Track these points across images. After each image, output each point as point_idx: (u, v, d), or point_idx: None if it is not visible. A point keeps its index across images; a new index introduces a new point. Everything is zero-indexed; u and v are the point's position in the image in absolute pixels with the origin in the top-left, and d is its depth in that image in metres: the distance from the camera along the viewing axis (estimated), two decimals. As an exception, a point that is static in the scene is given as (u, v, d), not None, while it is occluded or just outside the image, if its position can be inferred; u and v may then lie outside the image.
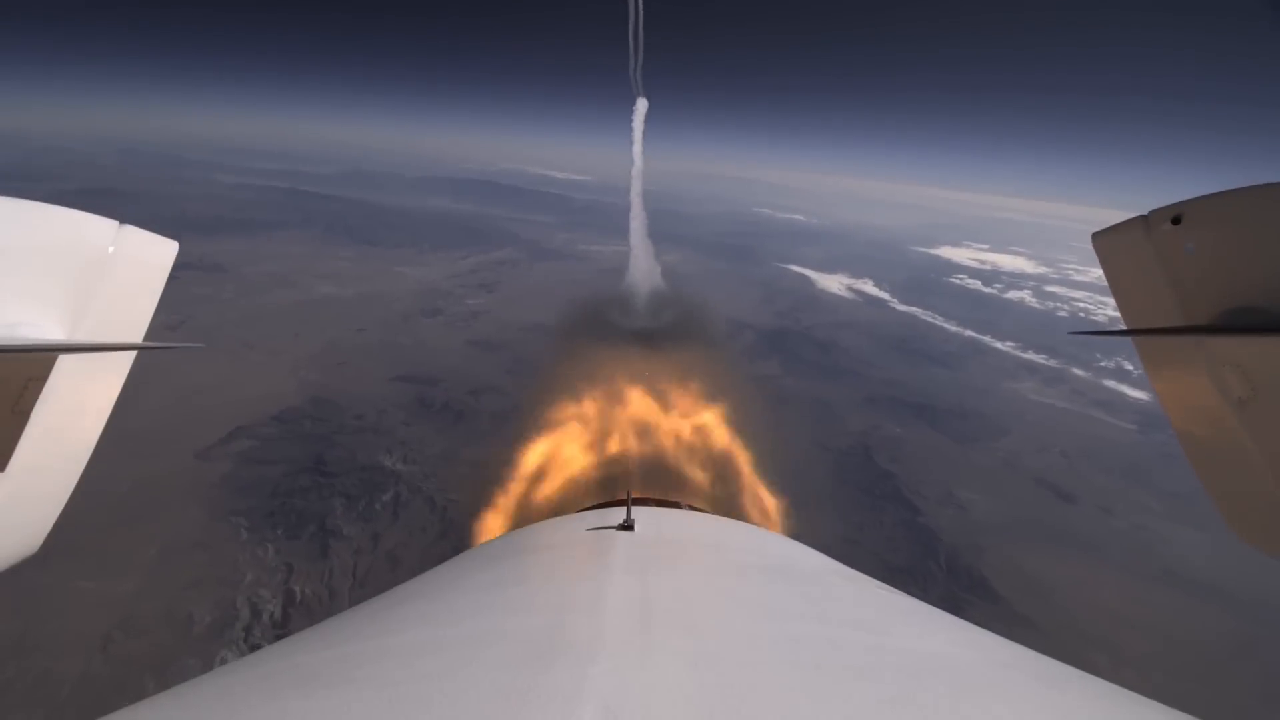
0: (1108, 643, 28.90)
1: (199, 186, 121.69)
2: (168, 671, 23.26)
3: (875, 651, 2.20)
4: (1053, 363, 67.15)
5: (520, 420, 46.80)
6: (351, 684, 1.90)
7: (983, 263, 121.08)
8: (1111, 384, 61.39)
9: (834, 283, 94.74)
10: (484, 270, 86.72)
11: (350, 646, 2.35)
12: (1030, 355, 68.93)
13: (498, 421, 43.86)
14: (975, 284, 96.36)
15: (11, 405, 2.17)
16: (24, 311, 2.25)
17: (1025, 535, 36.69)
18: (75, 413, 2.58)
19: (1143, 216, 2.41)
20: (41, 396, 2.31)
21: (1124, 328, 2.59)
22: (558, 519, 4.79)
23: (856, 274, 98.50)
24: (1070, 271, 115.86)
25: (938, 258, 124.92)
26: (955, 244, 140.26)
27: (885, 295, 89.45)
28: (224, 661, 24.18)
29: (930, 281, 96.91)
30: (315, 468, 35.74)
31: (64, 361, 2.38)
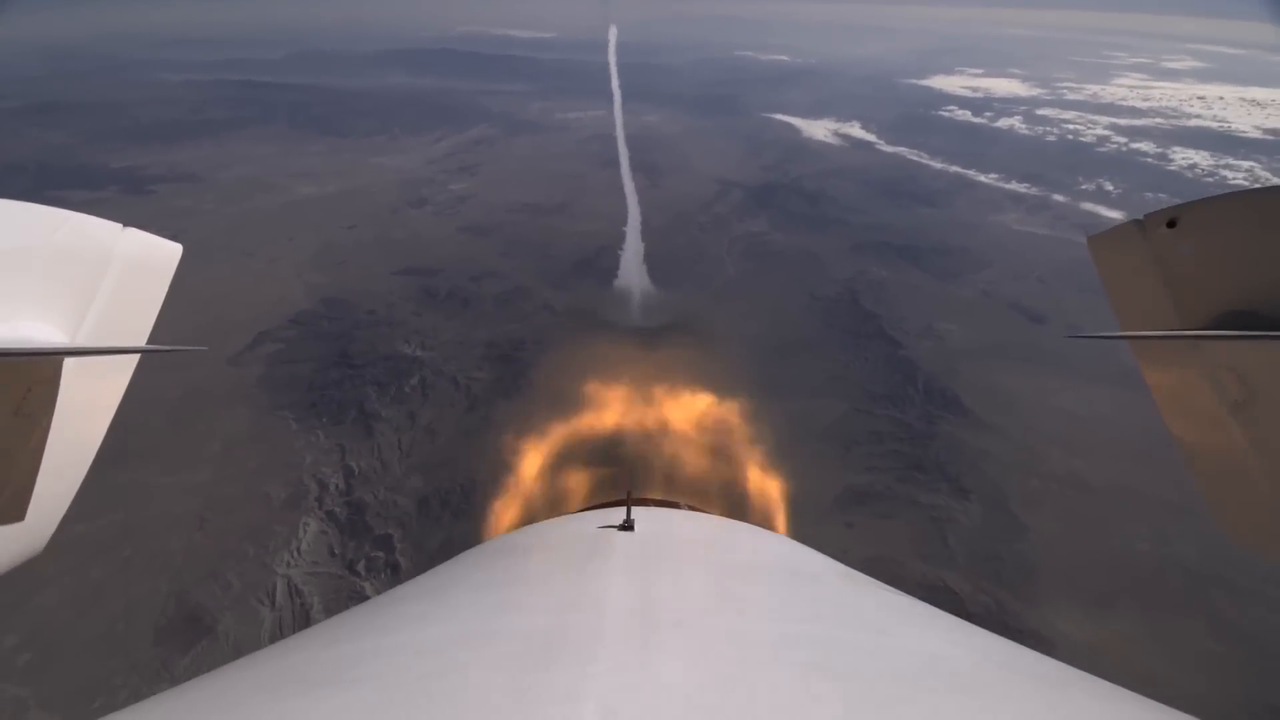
0: (1061, 437, 33.20)
1: (145, 89, 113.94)
2: (261, 536, 27.63)
3: (875, 651, 2.21)
4: (1035, 191, 67.70)
5: (522, 301, 48.72)
6: (351, 684, 1.91)
7: (975, 90, 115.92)
8: (1089, 206, 62.57)
9: (820, 129, 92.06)
10: (461, 152, 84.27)
11: (350, 646, 2.39)
12: (1014, 185, 69.27)
13: (501, 304, 46.21)
14: (965, 114, 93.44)
15: (15, 409, 2.16)
16: (28, 315, 2.25)
17: (997, 357, 40.23)
18: (79, 416, 2.56)
19: (1138, 220, 2.43)
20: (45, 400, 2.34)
21: (1120, 330, 2.64)
22: (557, 519, 4.85)
23: (843, 117, 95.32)
24: (1064, 90, 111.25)
25: (929, 89, 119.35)
26: (948, 72, 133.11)
27: (872, 138, 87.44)
28: (307, 527, 28.49)
29: (919, 117, 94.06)
30: (342, 362, 38.63)
31: (68, 365, 2.37)
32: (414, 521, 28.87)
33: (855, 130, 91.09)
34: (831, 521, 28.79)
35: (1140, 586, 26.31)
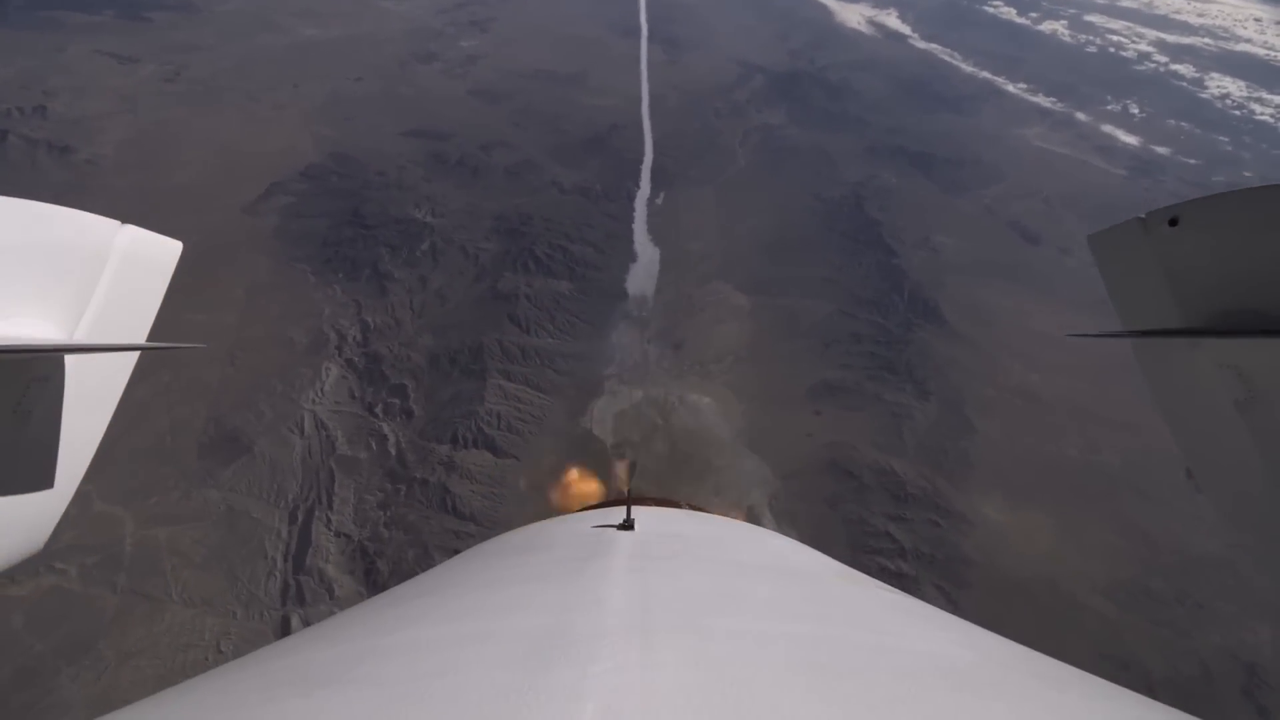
0: (1026, 354, 35.76)
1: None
2: (288, 375, 30.44)
3: (875, 651, 2.22)
4: (1060, 107, 65.44)
5: (531, 175, 48.77)
6: (351, 684, 1.91)
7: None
8: (1109, 128, 61.15)
9: (855, 14, 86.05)
10: (473, 3, 79.01)
11: (350, 646, 2.39)
12: (1041, 99, 66.77)
13: (511, 176, 46.52)
14: (1010, 12, 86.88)
15: (14, 406, 2.15)
16: (26, 312, 2.25)
17: (985, 273, 41.86)
18: (78, 414, 2.56)
19: (1140, 218, 2.42)
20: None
21: (1121, 328, 2.64)
22: (557, 518, 4.87)
23: (881, 3, 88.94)
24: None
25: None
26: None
27: (907, 30, 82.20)
28: (329, 371, 31.24)
29: (961, 10, 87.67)
30: (355, 221, 39.77)
31: (67, 362, 2.37)
32: (426, 375, 31.71)
33: (891, 20, 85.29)
34: (802, 408, 31.94)
35: (1062, 485, 29.95)
